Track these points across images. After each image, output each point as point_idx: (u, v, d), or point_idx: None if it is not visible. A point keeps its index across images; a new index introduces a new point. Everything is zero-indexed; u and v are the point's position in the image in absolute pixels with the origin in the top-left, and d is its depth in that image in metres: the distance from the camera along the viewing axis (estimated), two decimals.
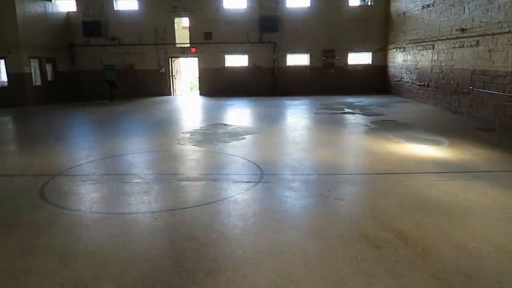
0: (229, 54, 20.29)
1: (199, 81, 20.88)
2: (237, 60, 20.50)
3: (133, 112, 14.54)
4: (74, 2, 20.07)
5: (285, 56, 20.17)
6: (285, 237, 3.94)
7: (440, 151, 7.50)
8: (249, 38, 19.89)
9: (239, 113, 13.84)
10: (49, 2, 18.80)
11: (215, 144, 8.49)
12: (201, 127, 10.77)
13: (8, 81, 16.84)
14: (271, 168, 6.54)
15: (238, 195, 5.22)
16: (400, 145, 8.12)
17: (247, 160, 7.09)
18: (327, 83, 20.06)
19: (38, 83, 17.75)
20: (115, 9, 20.07)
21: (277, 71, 20.23)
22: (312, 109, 14.32)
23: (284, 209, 4.70)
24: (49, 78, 18.51)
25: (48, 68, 18.57)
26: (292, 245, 3.77)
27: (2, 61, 16.72)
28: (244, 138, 9.15)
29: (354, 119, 11.80)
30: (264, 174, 6.18)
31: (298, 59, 20.44)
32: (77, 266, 3.42)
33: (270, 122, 11.80)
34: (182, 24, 21.37)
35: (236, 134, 9.55)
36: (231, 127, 10.72)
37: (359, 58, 20.30)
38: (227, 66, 20.44)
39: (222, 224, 4.29)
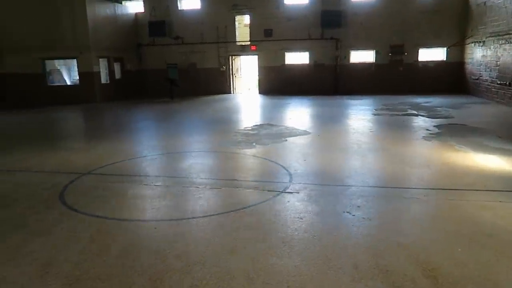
0: (290, 51, 19.70)
1: (259, 79, 20.56)
2: (297, 58, 19.84)
3: (188, 110, 14.62)
4: (142, 3, 20.86)
5: (349, 53, 19.07)
6: (286, 264, 3.35)
7: (511, 165, 6.28)
8: (310, 35, 19.11)
9: (292, 113, 13.24)
10: (119, 4, 19.74)
11: (252, 146, 8.03)
12: (245, 128, 10.38)
13: (79, 79, 17.98)
14: (302, 175, 5.91)
15: (253, 206, 4.71)
16: (463, 154, 6.97)
17: (279, 165, 6.52)
18: (394, 81, 18.58)
19: (106, 81, 18.72)
20: (179, 8, 20.49)
21: (340, 69, 19.19)
22: (372, 109, 13.24)
23: (299, 227, 4.08)
24: (116, 77, 19.45)
25: (116, 67, 19.52)
26: (291, 275, 3.17)
27: (74, 61, 17.86)
28: (286, 140, 8.57)
29: (416, 122, 10.59)
30: (292, 182, 5.58)
31: (362, 56, 19.22)
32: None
33: (321, 123, 11.06)
34: (244, 21, 21.19)
35: (279, 136, 9.01)
36: (278, 127, 10.19)
37: (431, 54, 18.50)
38: (287, 64, 19.87)
39: (210, 242, 3.81)
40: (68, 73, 19.86)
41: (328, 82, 19.34)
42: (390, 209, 4.60)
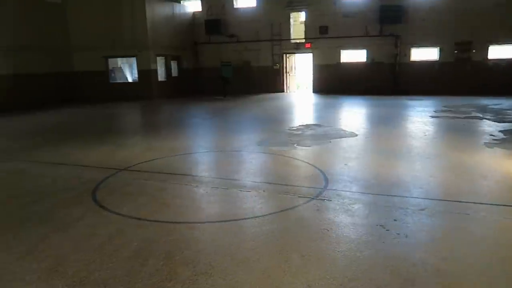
0: (345, 49, 18.97)
1: (313, 78, 20.06)
2: (353, 55, 19.06)
3: (238, 108, 14.58)
4: (199, 2, 21.22)
5: (409, 50, 17.93)
6: (298, 283, 3.02)
7: None
8: (368, 31, 18.24)
9: (343, 113, 12.67)
10: (177, 4, 20.25)
11: (293, 147, 7.70)
12: (291, 127, 10.05)
13: (138, 77, 18.72)
14: (339, 181, 5.50)
15: (277, 213, 4.41)
16: None
17: (317, 168, 6.15)
18: (459, 81, 17.16)
19: (163, 79, 19.31)
20: (234, 7, 20.56)
21: (399, 67, 18.11)
22: (431, 111, 12.26)
23: (320, 242, 3.71)
24: (173, 75, 20.00)
25: (173, 65, 20.08)
26: None
27: (134, 59, 18.62)
28: (330, 142, 8.13)
29: (480, 126, 9.59)
30: (327, 188, 5.20)
31: (424, 54, 17.97)
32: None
33: (372, 124, 10.42)
34: (300, 19, 20.77)
35: (323, 137, 8.58)
36: (324, 128, 9.74)
37: (504, 52, 16.79)
38: (342, 62, 19.16)
39: (223, 250, 3.57)
40: (130, 71, 20.80)
41: (386, 81, 18.33)
42: (432, 225, 4.07)
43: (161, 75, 19.12)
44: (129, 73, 20.70)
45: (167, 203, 4.85)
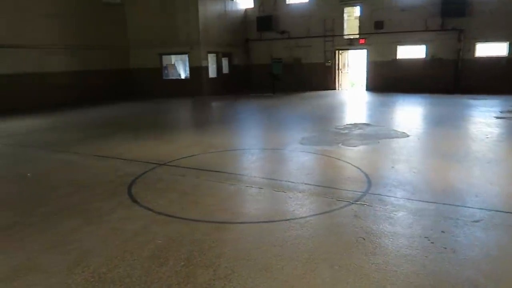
0: (402, 44, 17.94)
1: (367, 75, 19.21)
2: (411, 52, 17.97)
3: (286, 106, 14.31)
4: None
5: (474, 45, 16.55)
6: None
7: None
8: (428, 26, 17.10)
9: (396, 112, 11.94)
10: (229, 1, 20.32)
11: (338, 147, 7.31)
12: (338, 126, 9.62)
13: (189, 73, 19.05)
14: (384, 185, 5.08)
15: (311, 216, 4.13)
16: None
17: (361, 170, 5.75)
18: None
19: (214, 75, 19.50)
20: (286, 2, 20.24)
21: (462, 64, 16.80)
22: (497, 112, 11.18)
23: (354, 252, 3.38)
24: (224, 71, 20.12)
25: (224, 62, 20.19)
26: None
27: (187, 56, 18.95)
28: (378, 142, 7.63)
29: None
30: (369, 192, 4.81)
31: (491, 49, 16.50)
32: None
33: (427, 125, 9.69)
34: (354, 14, 19.98)
35: (372, 137, 8.08)
36: (373, 128, 9.21)
37: None
38: (399, 59, 18.15)
39: (246, 254, 3.34)
40: (183, 68, 21.24)
41: (447, 79, 17.09)
42: (486, 240, 3.57)
43: (212, 72, 19.32)
44: (183, 70, 21.11)
45: (197, 200, 4.74)
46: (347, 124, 9.77)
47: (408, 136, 8.20)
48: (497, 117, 10.17)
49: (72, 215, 4.35)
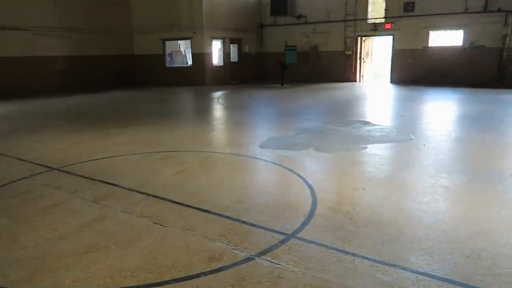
0: (436, 29, 15.28)
1: (392, 65, 16.66)
2: (446, 38, 15.29)
3: (288, 99, 12.26)
4: None
5: None
6: None
7: None
8: (467, 7, 14.36)
9: (414, 109, 9.60)
10: None
11: (306, 154, 5.30)
12: (331, 123, 7.53)
13: (192, 61, 17.38)
14: (330, 219, 3.11)
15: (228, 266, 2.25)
16: None
17: (311, 193, 3.77)
18: None
19: (221, 64, 17.72)
20: None
21: (508, 53, 13.96)
22: None
23: None
24: (232, 60, 18.25)
25: (233, 49, 18.33)
26: None
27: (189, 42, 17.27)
28: (366, 148, 5.54)
29: None
30: (295, 236, 2.88)
31: None
32: None
33: (446, 126, 7.38)
34: None
35: (360, 140, 5.99)
36: (372, 127, 7.06)
37: None
38: (430, 46, 15.49)
39: None
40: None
41: (489, 71, 14.32)
42: None
43: (218, 60, 17.54)
44: (190, 57, 19.49)
45: (28, 233, 2.98)
46: (340, 122, 7.66)
47: (412, 139, 6.03)
48: None
49: None
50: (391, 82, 16.58)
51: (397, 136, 6.29)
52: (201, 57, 16.77)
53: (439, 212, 3.34)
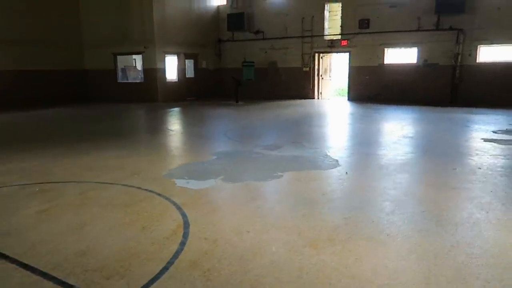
0: (391, 47, 15.11)
1: (349, 83, 16.37)
2: (400, 55, 15.13)
3: (233, 117, 11.63)
4: None
5: (476, 48, 13.58)
6: None
7: None
8: (420, 25, 14.25)
9: (358, 129, 9.11)
10: None
11: (209, 184, 4.60)
12: (258, 145, 6.88)
13: (143, 76, 16.60)
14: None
15: None
16: None
17: (185, 235, 3.05)
18: None
19: (175, 79, 17.01)
20: None
21: (461, 70, 13.85)
22: (492, 130, 8.29)
23: None
24: (188, 75, 17.55)
25: (189, 64, 17.66)
26: None
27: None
28: (282, 176, 4.90)
29: None
30: None
31: (497, 53, 13.52)
32: None
33: (383, 149, 6.85)
34: (338, 12, 17.22)
35: (281, 167, 5.34)
36: (299, 150, 6.44)
37: None
38: (386, 64, 15.29)
39: None
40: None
41: (442, 88, 14.18)
42: None
43: (169, 76, 16.81)
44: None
45: None
46: (274, 145, 7.02)
47: (338, 166, 5.42)
48: (485, 140, 7.24)
49: None
50: (348, 99, 16.25)
51: (324, 162, 5.68)
52: (153, 72, 16.03)
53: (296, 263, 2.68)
